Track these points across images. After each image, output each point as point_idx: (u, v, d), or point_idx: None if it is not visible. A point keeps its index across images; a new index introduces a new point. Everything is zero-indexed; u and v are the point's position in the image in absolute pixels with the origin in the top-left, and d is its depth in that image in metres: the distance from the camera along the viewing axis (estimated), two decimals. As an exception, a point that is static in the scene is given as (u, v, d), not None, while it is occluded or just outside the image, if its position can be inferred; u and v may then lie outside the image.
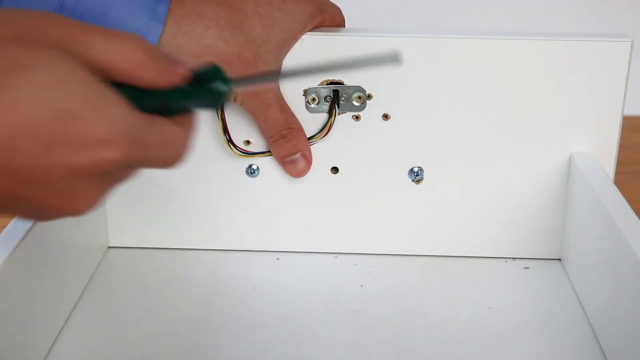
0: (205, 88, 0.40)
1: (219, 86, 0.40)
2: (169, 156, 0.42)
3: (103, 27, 0.40)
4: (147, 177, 0.63)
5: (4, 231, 0.50)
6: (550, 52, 0.59)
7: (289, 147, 0.61)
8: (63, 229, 0.56)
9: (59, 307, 0.56)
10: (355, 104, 0.61)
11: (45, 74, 0.37)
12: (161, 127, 0.41)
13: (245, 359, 0.53)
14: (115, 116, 0.38)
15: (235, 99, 0.58)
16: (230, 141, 0.61)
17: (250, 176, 0.64)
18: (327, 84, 0.61)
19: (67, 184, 0.38)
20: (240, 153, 0.61)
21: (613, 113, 0.61)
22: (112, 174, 0.40)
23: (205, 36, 0.55)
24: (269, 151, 0.62)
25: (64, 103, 0.37)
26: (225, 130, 0.61)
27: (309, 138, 0.61)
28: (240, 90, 0.48)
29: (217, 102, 0.41)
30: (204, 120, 0.62)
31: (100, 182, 0.40)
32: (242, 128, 0.62)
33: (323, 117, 0.62)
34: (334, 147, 0.62)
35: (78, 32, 0.39)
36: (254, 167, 0.63)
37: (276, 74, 0.50)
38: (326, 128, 0.61)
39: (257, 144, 0.62)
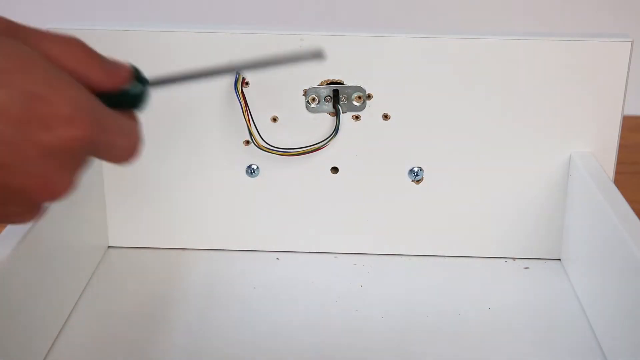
0: (124, 91, 0.44)
1: (136, 88, 0.44)
2: (127, 145, 0.44)
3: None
4: (147, 177, 0.63)
5: (4, 231, 0.50)
6: (550, 52, 0.59)
7: None
8: (63, 229, 0.56)
9: (59, 307, 0.56)
10: (355, 104, 0.61)
11: (6, 60, 0.39)
12: (118, 116, 0.43)
13: (245, 359, 0.53)
14: (76, 97, 0.40)
15: None
16: (258, 133, 0.61)
17: (250, 176, 0.64)
18: (327, 84, 0.61)
19: (41, 164, 0.40)
20: (266, 147, 0.61)
21: (613, 113, 0.61)
22: (78, 154, 0.41)
23: None
24: (289, 149, 0.61)
25: (28, 85, 0.39)
26: (252, 125, 0.61)
27: (321, 142, 0.61)
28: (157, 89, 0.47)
29: (139, 103, 0.45)
30: (204, 120, 0.62)
31: (70, 162, 0.41)
32: (243, 127, 0.62)
33: (323, 117, 0.62)
34: (334, 147, 0.62)
35: (25, 29, 0.42)
36: (254, 167, 0.63)
37: (194, 73, 0.49)
38: (337, 128, 0.61)
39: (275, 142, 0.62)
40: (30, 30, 0.42)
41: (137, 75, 0.45)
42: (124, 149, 0.44)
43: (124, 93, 0.44)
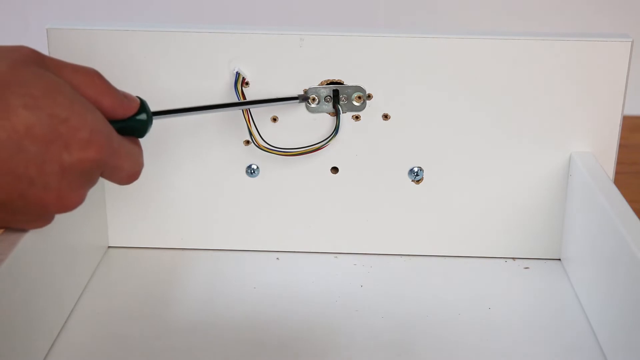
0: (132, 119, 0.49)
1: (143, 117, 0.50)
2: (132, 169, 0.49)
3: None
4: (147, 178, 0.63)
5: (4, 231, 0.50)
6: (550, 52, 0.59)
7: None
8: (63, 229, 0.56)
9: (59, 307, 0.56)
10: (355, 104, 0.61)
11: (35, 87, 0.43)
12: (126, 142, 0.48)
13: (245, 359, 0.53)
14: (94, 122, 0.45)
15: None
16: (258, 133, 0.61)
17: (250, 176, 0.64)
18: (327, 84, 0.61)
19: (58, 180, 0.44)
20: (266, 147, 0.61)
21: (613, 113, 0.61)
22: (91, 173, 0.46)
23: None
24: (290, 149, 0.62)
25: (53, 109, 0.43)
26: (252, 125, 0.61)
27: (321, 142, 0.61)
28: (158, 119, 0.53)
29: (143, 131, 0.50)
30: (204, 120, 0.62)
31: (82, 180, 0.45)
32: (243, 127, 0.62)
33: (323, 117, 0.62)
34: (334, 147, 0.62)
35: (50, 59, 0.46)
36: (254, 167, 0.63)
37: (196, 108, 0.57)
38: (337, 128, 0.61)
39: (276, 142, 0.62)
40: (54, 60, 0.46)
41: (143, 107, 0.50)
42: (128, 172, 0.49)
43: (132, 121, 0.49)
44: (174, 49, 0.60)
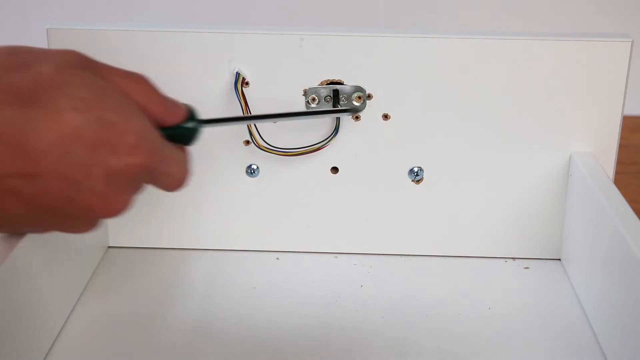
0: (180, 127, 0.48)
1: (191, 125, 0.49)
2: (178, 175, 0.48)
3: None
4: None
5: (4, 231, 0.50)
6: (550, 52, 0.59)
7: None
8: (63, 229, 0.56)
9: (59, 307, 0.56)
10: (355, 104, 0.61)
11: (84, 90, 0.42)
12: (173, 148, 0.47)
13: (245, 359, 0.53)
14: (141, 127, 0.44)
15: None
16: (258, 133, 0.61)
17: (250, 176, 0.64)
18: (327, 84, 0.61)
19: (105, 184, 0.43)
20: (266, 147, 0.61)
21: (613, 113, 0.61)
22: (137, 179, 0.45)
23: None
24: (290, 149, 0.62)
25: (102, 113, 0.42)
26: (252, 125, 0.61)
27: (321, 142, 0.62)
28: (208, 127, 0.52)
29: (191, 139, 0.49)
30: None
31: (129, 185, 0.45)
32: (243, 127, 0.62)
33: (323, 117, 0.62)
34: (334, 147, 0.62)
35: (97, 64, 0.45)
36: (254, 167, 0.63)
37: (243, 118, 0.57)
38: (337, 128, 0.61)
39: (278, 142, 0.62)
40: (101, 65, 0.46)
41: (191, 115, 0.49)
42: (175, 179, 0.48)
43: (180, 129, 0.48)
44: (174, 49, 0.60)
